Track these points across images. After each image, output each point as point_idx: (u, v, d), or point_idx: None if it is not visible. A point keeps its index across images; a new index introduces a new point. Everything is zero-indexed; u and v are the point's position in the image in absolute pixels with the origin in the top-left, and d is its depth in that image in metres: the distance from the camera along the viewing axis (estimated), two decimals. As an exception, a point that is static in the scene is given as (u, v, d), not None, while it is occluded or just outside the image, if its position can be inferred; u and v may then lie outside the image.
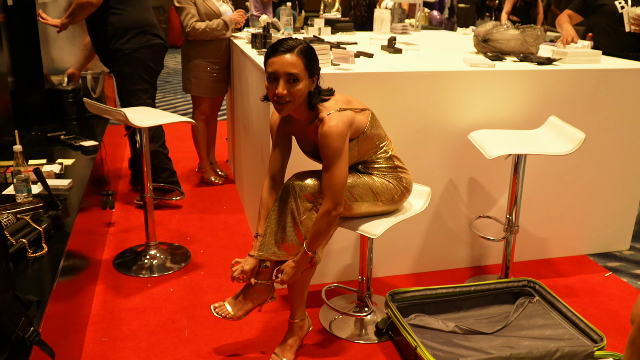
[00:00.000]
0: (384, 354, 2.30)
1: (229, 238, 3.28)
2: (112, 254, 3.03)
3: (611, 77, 2.87)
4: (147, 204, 2.88)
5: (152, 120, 2.64)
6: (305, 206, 2.06)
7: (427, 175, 2.71)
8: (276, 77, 1.94)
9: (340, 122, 1.96)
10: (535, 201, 2.96)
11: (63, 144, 3.21)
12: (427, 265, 2.94)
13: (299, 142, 2.21)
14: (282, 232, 2.08)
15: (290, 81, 1.92)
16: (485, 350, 2.22)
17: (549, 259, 3.12)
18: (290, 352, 2.23)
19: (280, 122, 2.18)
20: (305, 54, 1.95)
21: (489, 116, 2.75)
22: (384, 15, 4.24)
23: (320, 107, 2.00)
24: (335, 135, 1.94)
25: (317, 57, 2.01)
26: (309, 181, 2.07)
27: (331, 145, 1.95)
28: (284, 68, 1.91)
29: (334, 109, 1.99)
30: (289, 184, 2.07)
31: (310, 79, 1.97)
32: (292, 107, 1.98)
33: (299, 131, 2.14)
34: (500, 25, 3.23)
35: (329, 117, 1.97)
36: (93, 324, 2.44)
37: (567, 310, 2.38)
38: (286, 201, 2.06)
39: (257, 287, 2.18)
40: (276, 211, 2.08)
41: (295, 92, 1.93)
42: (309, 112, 2.03)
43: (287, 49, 1.92)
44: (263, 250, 2.10)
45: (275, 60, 1.93)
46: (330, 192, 1.98)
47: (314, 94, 2.00)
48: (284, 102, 1.95)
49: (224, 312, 2.18)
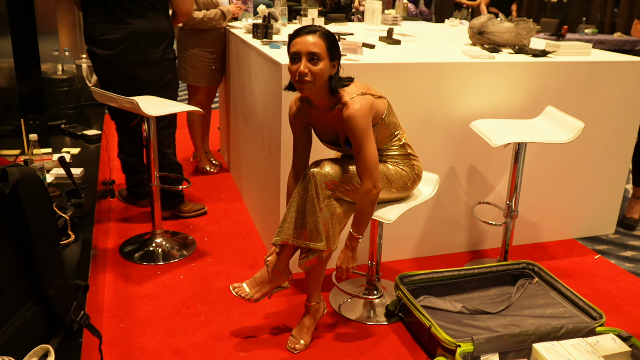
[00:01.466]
0: (396, 335, 2.40)
1: (232, 226, 3.33)
2: (117, 243, 3.06)
3: (602, 69, 3.02)
4: (154, 192, 2.91)
5: (162, 110, 2.66)
6: (325, 194, 2.13)
7: (430, 163, 2.81)
8: (298, 56, 2.02)
9: (364, 105, 2.06)
10: (528, 188, 3.09)
11: (64, 133, 3.20)
12: (428, 250, 3.06)
13: (317, 132, 2.28)
14: (301, 219, 2.15)
15: (311, 60, 2.01)
16: (493, 328, 2.34)
17: (542, 242, 3.27)
18: (307, 334, 2.31)
19: (298, 114, 2.25)
20: (327, 37, 2.04)
21: (489, 106, 2.86)
22: (376, 6, 4.31)
23: (341, 92, 2.09)
24: (361, 117, 2.04)
25: (339, 44, 2.08)
26: (328, 169, 2.14)
27: (359, 126, 2.04)
28: (306, 47, 2.00)
29: (355, 93, 2.08)
30: (309, 172, 2.14)
31: (331, 62, 2.05)
32: (313, 87, 2.05)
33: (317, 119, 2.21)
34: (494, 18, 3.34)
35: (352, 100, 2.06)
36: (108, 310, 2.48)
37: (566, 290, 2.52)
38: (306, 189, 2.13)
39: (275, 271, 2.25)
40: (296, 199, 2.15)
41: (316, 71, 2.01)
42: (330, 98, 2.11)
43: (310, 31, 2.03)
44: (281, 235, 2.18)
45: (298, 40, 2.03)
46: (366, 172, 2.07)
47: (334, 79, 2.08)
48: (305, 81, 2.03)
49: (243, 293, 2.26)
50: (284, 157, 2.63)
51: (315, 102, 2.14)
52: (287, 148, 2.61)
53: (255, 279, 2.29)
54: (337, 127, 2.17)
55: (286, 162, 2.63)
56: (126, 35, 2.93)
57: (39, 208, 1.33)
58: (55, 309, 1.39)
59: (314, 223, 2.13)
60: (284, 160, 2.63)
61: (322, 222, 2.13)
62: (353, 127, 2.04)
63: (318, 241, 2.14)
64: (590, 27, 7.20)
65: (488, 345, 2.12)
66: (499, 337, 2.14)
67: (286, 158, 2.63)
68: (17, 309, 1.33)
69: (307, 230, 2.15)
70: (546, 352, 2.09)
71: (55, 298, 1.37)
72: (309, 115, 2.23)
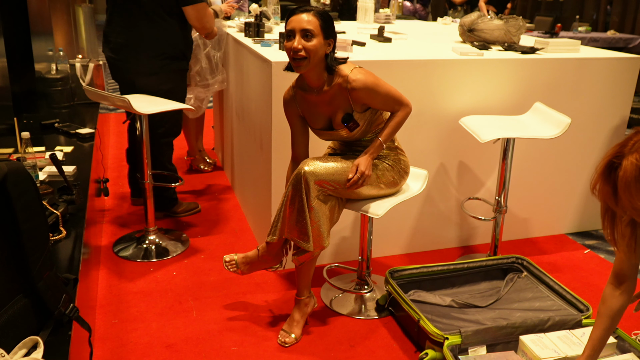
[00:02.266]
0: (386, 328, 2.43)
1: (225, 223, 3.36)
2: (111, 240, 3.08)
3: (590, 65, 3.05)
4: (147, 190, 2.93)
5: (154, 107, 2.68)
6: (315, 193, 2.15)
7: (420, 159, 2.84)
8: (293, 33, 2.08)
9: (367, 73, 2.16)
10: (518, 184, 3.12)
11: (58, 132, 3.23)
12: (418, 246, 3.08)
13: (310, 121, 2.31)
14: (292, 217, 2.18)
15: (305, 36, 2.06)
16: (481, 322, 2.37)
17: (532, 238, 3.30)
18: (297, 328, 2.34)
19: (291, 104, 2.29)
20: (321, 16, 2.10)
21: (478, 102, 2.89)
22: (368, 4, 4.34)
23: (338, 69, 2.16)
24: (368, 79, 2.15)
25: (334, 24, 2.15)
26: (319, 169, 2.15)
27: (374, 85, 2.16)
28: (300, 24, 2.07)
29: (353, 66, 2.16)
30: (300, 172, 2.15)
31: (325, 40, 2.10)
32: (308, 65, 2.10)
33: (311, 105, 2.25)
34: (484, 16, 3.37)
35: (353, 72, 2.14)
36: (101, 306, 2.50)
37: (554, 283, 2.55)
38: (297, 188, 2.15)
39: (265, 255, 2.34)
40: (288, 197, 2.18)
41: (310, 47, 2.06)
42: (327, 76, 2.17)
43: (305, 10, 2.10)
44: (276, 234, 2.22)
45: (293, 19, 2.09)
46: (402, 104, 2.25)
47: (330, 56, 2.14)
48: (300, 56, 2.08)
49: (232, 269, 2.37)
50: (275, 154, 2.66)
51: (311, 82, 2.19)
52: (278, 145, 2.64)
53: (247, 256, 2.36)
54: (335, 105, 2.21)
55: (278, 159, 2.66)
56: (127, 41, 2.90)
57: (27, 202, 1.35)
58: (45, 302, 1.41)
59: (303, 223, 2.16)
60: (275, 158, 2.66)
61: (311, 223, 2.15)
62: (369, 92, 2.16)
63: (306, 242, 2.18)
64: (584, 25, 7.23)
65: (476, 337, 2.15)
66: (486, 329, 2.17)
67: (278, 155, 2.65)
68: (7, 301, 1.36)
69: (297, 229, 2.18)
70: (532, 344, 2.12)
71: (44, 290, 1.39)
72: (302, 104, 2.27)
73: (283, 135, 2.57)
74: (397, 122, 2.27)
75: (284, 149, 2.58)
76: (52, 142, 3.06)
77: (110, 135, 4.57)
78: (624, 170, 1.41)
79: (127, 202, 3.58)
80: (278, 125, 2.60)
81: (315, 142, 2.44)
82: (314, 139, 2.42)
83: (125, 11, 2.88)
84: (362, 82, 2.13)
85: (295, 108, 2.29)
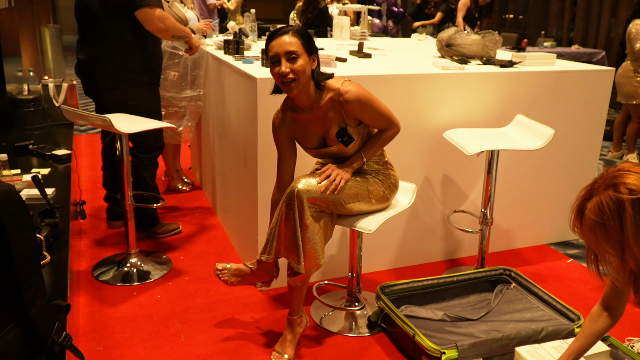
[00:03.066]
0: (379, 345, 2.39)
1: (207, 243, 3.29)
2: (90, 264, 2.98)
3: (567, 77, 3.11)
4: (127, 211, 2.85)
5: (135, 127, 2.63)
6: (310, 210, 2.12)
7: (405, 173, 2.83)
8: (278, 58, 2.05)
9: (358, 85, 2.16)
10: (500, 196, 3.14)
11: (32, 154, 3.13)
12: (405, 261, 3.07)
13: (302, 141, 2.28)
14: (286, 238, 2.14)
15: (290, 59, 2.04)
16: (475, 334, 2.36)
17: (515, 249, 3.32)
18: (290, 348, 2.29)
19: (280, 128, 2.26)
20: (301, 34, 2.08)
21: (461, 116, 2.92)
22: (344, 21, 4.37)
23: (328, 84, 2.15)
24: (361, 92, 2.15)
25: (313, 39, 2.13)
26: (311, 186, 2.12)
27: (367, 99, 2.15)
28: (283, 48, 2.04)
29: (342, 79, 2.16)
30: (293, 190, 2.11)
31: (309, 57, 2.09)
32: (298, 86, 2.08)
33: (303, 124, 2.22)
34: (461, 31, 3.42)
35: (344, 84, 2.14)
36: (84, 334, 2.41)
37: (543, 293, 2.56)
38: (291, 207, 2.11)
39: (258, 272, 2.30)
40: (282, 216, 2.14)
41: (297, 68, 2.05)
42: (317, 93, 2.16)
43: (284, 32, 2.07)
44: (272, 254, 2.18)
45: (274, 43, 2.06)
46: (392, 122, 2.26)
47: (317, 72, 2.13)
48: (289, 80, 2.06)
49: (224, 277, 2.32)
50: (261, 171, 2.62)
51: (301, 102, 2.17)
52: (264, 162, 2.61)
53: (240, 269, 2.31)
54: (328, 121, 2.19)
55: (263, 176, 2.62)
56: (90, 58, 2.90)
57: (19, 226, 1.29)
58: (38, 330, 1.34)
59: (296, 244, 2.12)
60: (262, 175, 2.62)
61: (305, 242, 2.11)
62: (361, 105, 2.14)
63: (298, 263, 2.14)
64: (549, 40, 7.44)
65: (472, 350, 2.13)
66: (482, 342, 2.16)
67: (263, 172, 2.62)
68: (-2, 331, 1.28)
69: (291, 250, 2.14)
70: (528, 355, 2.11)
71: (37, 318, 1.32)
72: (293, 125, 2.24)
73: (269, 152, 2.53)
74: (383, 140, 2.27)
75: (269, 167, 2.54)
76: (27, 164, 2.97)
77: (82, 156, 4.46)
78: (587, 215, 1.41)
79: (105, 224, 3.48)
80: (264, 143, 2.57)
81: (301, 159, 2.41)
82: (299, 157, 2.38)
83: (88, 29, 2.87)
84: (354, 93, 2.13)
85: (286, 131, 2.26)
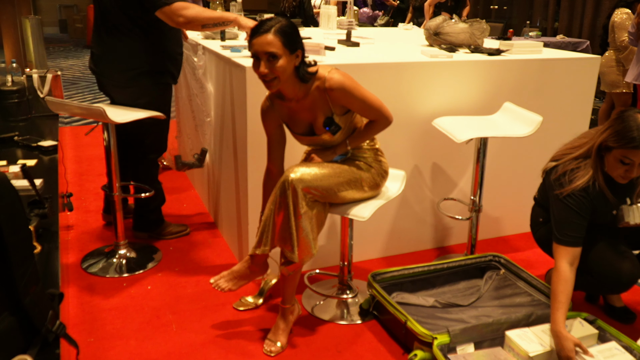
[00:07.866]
0: (371, 332, 2.41)
1: (197, 233, 3.28)
2: (78, 257, 2.95)
3: (554, 65, 3.14)
4: (116, 202, 2.83)
5: (126, 116, 2.60)
6: (304, 200, 2.11)
7: (394, 161, 2.84)
8: (258, 57, 2.05)
9: (344, 74, 2.14)
10: (488, 183, 3.16)
11: (17, 145, 3.09)
12: (396, 249, 3.08)
13: (291, 126, 2.28)
14: (281, 228, 2.13)
15: (270, 59, 2.03)
16: (465, 320, 2.38)
17: (504, 236, 3.35)
18: (283, 336, 2.29)
19: (269, 114, 2.25)
20: (282, 32, 2.03)
21: (449, 103, 2.93)
22: (331, 11, 4.35)
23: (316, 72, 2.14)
24: (346, 81, 2.13)
25: (298, 33, 2.10)
26: (305, 175, 2.11)
27: (351, 88, 2.13)
28: (262, 48, 2.03)
29: (329, 68, 2.14)
30: (286, 180, 2.10)
31: (292, 54, 2.07)
32: (279, 83, 2.08)
33: (291, 111, 2.22)
34: (449, 20, 3.42)
35: (330, 72, 2.12)
36: (74, 325, 2.39)
37: (532, 279, 2.59)
38: (285, 196, 2.10)
39: (253, 267, 2.29)
40: (275, 208, 2.13)
41: (277, 69, 2.04)
42: (302, 85, 2.14)
43: (265, 30, 2.03)
44: (267, 245, 2.17)
45: (255, 41, 2.05)
46: (381, 114, 2.23)
47: (301, 67, 2.11)
48: (269, 79, 2.06)
49: (222, 285, 2.29)
50: (250, 160, 2.61)
51: (288, 94, 2.16)
52: (254, 150, 2.60)
53: (233, 272, 2.30)
54: (315, 110, 2.18)
55: (253, 164, 2.61)
56: (101, 54, 2.84)
57: (12, 214, 1.27)
58: (32, 319, 1.33)
59: (290, 233, 2.11)
60: (252, 163, 2.61)
61: (298, 232, 2.10)
62: (346, 93, 2.13)
63: (291, 252, 2.14)
64: (534, 30, 7.48)
65: (463, 336, 2.15)
66: (473, 327, 2.18)
67: (253, 160, 2.61)
68: (-9, 320, 1.27)
69: (286, 239, 2.14)
70: (518, 339, 2.14)
71: (31, 307, 1.31)
72: (282, 111, 2.23)
73: (259, 140, 2.52)
74: (370, 130, 2.27)
75: (260, 157, 2.53)
76: (12, 155, 2.92)
77: (67, 148, 4.41)
78: None
79: (92, 217, 3.45)
80: (254, 132, 2.56)
81: (291, 147, 2.41)
82: (289, 145, 2.38)
83: (99, 25, 2.83)
84: (338, 81, 2.11)
85: (275, 116, 2.25)
